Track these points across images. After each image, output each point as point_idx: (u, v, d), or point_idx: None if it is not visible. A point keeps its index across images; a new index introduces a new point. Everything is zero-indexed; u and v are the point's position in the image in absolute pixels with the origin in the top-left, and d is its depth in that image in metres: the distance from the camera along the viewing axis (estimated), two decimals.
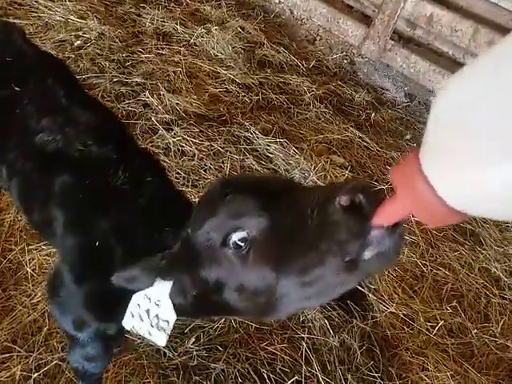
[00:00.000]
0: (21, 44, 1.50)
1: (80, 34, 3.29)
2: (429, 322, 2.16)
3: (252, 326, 1.97)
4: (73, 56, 3.14)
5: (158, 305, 1.00)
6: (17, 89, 1.34)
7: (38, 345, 1.76)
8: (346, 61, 4.00)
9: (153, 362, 1.80)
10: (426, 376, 1.96)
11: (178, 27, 3.65)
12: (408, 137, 3.34)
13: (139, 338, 1.85)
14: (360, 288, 2.21)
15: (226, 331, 1.94)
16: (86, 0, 3.55)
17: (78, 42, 3.26)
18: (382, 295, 2.20)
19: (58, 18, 3.41)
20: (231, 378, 1.79)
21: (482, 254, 2.53)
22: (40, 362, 1.72)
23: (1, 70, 1.40)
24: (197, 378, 1.77)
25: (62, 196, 1.21)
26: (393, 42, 3.74)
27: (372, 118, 3.42)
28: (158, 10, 3.77)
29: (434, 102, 0.60)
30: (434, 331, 2.13)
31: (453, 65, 3.56)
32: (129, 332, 1.15)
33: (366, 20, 3.91)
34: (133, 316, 1.02)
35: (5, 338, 1.76)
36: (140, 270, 0.93)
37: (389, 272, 2.34)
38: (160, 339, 1.00)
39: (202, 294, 0.93)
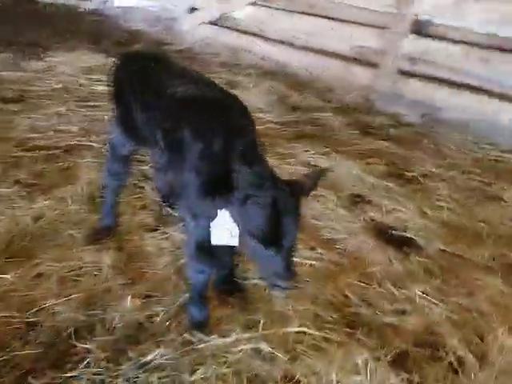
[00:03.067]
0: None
1: None
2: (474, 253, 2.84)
3: None
4: None
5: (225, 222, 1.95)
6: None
7: (170, 291, 2.52)
8: (362, 99, 5.14)
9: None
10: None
11: None
12: (426, 142, 4.26)
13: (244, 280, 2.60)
14: (407, 235, 2.95)
15: None
16: None
17: None
18: (430, 237, 2.94)
19: None
20: None
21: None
22: (173, 302, 2.46)
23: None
24: None
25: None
26: (400, 76, 4.89)
27: (393, 134, 4.40)
28: None
29: None
30: (480, 259, 2.79)
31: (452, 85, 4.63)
32: None
33: (372, 64, 5.13)
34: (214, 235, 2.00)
35: (145, 289, 2.53)
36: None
37: (433, 229, 3.07)
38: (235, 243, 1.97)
39: None
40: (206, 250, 2.23)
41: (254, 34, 6.27)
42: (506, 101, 4.27)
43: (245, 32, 6.39)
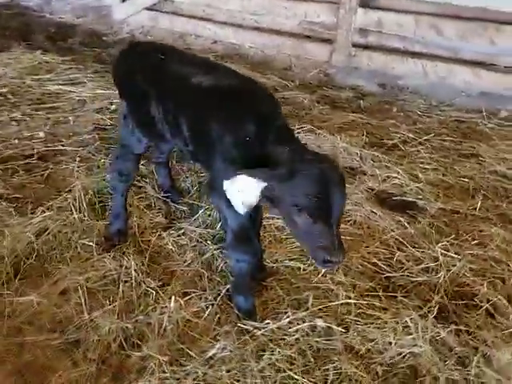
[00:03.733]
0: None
1: (112, 100, 4.32)
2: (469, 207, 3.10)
3: None
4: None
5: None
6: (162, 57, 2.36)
7: (206, 286, 2.50)
8: (321, 74, 5.26)
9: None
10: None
11: None
12: (395, 110, 4.50)
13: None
14: (408, 199, 3.15)
15: None
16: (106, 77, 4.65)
17: (113, 106, 4.26)
18: (428, 198, 3.15)
19: (86, 94, 4.45)
20: None
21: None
22: (214, 296, 2.44)
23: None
24: None
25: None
26: (355, 49, 5.05)
27: (362, 105, 4.59)
28: None
29: None
30: (477, 212, 3.06)
31: (406, 53, 4.89)
32: None
33: (326, 40, 5.25)
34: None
35: (180, 287, 2.48)
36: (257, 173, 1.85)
37: (427, 190, 3.29)
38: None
39: None
40: (245, 238, 2.25)
41: (201, 18, 6.11)
42: (457, 64, 4.60)
43: (190, 16, 6.20)
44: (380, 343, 2.18)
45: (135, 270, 2.54)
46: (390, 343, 2.16)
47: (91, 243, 2.73)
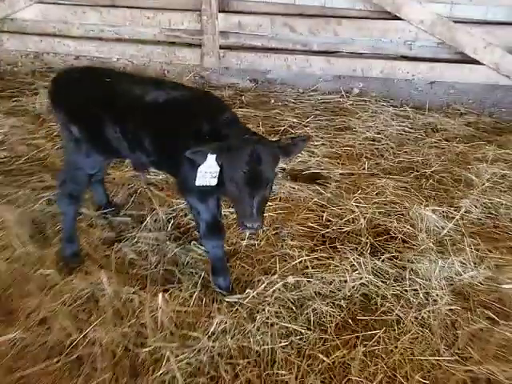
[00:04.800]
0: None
1: None
2: (360, 168, 3.90)
3: None
4: None
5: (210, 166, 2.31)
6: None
7: (181, 279, 2.75)
8: (197, 77, 5.66)
9: None
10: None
11: None
12: (273, 101, 5.17)
13: None
14: (313, 171, 3.83)
15: None
16: None
17: None
18: (328, 168, 3.86)
19: None
20: None
21: None
22: (192, 284, 2.71)
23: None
24: None
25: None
26: (223, 51, 5.57)
27: (244, 100, 5.15)
28: None
29: None
30: (366, 171, 3.87)
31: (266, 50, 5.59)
32: None
33: (195, 45, 5.65)
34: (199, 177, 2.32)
35: (158, 286, 2.68)
36: (204, 149, 2.23)
37: (325, 161, 3.99)
38: (214, 182, 2.33)
39: None
40: (216, 226, 2.62)
41: (55, 35, 5.90)
42: (311, 55, 5.46)
43: (40, 34, 5.92)
44: (337, 283, 2.76)
45: (109, 281, 2.65)
46: (345, 281, 2.76)
47: (49, 271, 2.72)
